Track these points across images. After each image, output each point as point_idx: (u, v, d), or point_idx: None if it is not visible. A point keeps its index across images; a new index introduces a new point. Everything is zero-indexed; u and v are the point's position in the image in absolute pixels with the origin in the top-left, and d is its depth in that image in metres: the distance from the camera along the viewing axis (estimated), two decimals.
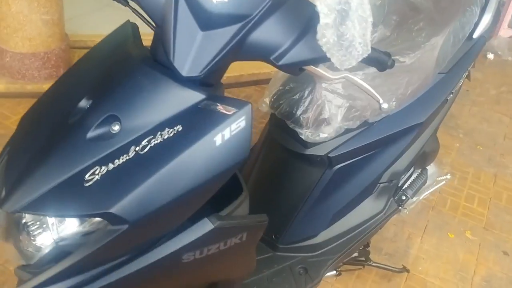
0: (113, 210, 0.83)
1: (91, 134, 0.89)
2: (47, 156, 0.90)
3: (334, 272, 1.75)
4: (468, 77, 2.09)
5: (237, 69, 3.45)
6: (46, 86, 3.02)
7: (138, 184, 0.85)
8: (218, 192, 1.03)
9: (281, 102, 1.42)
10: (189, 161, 0.88)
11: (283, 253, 1.62)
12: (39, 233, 0.93)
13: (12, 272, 1.89)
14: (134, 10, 1.01)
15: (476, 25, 1.72)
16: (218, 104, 0.92)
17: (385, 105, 1.06)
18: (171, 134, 0.88)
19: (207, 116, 0.90)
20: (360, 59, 0.94)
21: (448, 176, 2.01)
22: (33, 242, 0.94)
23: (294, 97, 1.40)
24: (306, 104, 1.38)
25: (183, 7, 0.89)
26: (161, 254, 0.95)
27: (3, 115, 2.68)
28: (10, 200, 0.87)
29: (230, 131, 0.89)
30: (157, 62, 0.94)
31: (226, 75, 3.49)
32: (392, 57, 1.47)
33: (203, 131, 0.88)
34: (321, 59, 0.94)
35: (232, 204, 1.04)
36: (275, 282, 1.55)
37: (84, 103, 0.95)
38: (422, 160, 1.82)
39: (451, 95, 1.72)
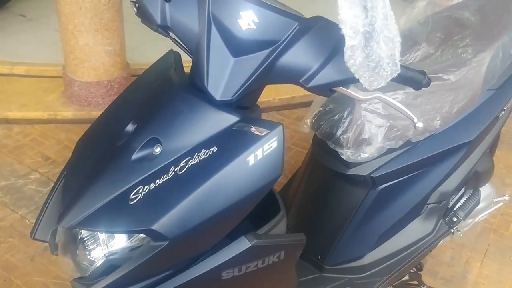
0: (154, 227, 0.90)
1: (135, 156, 0.97)
2: (97, 177, 0.98)
3: None
4: None
5: (288, 91, 3.51)
6: None
7: (177, 203, 0.91)
8: (257, 211, 1.07)
9: (321, 122, 1.44)
10: (224, 181, 0.92)
11: (329, 274, 1.61)
12: (94, 247, 1.01)
13: None
14: (174, 41, 1.09)
15: None
16: (251, 126, 0.96)
17: (419, 124, 1.06)
18: (207, 155, 0.94)
19: (241, 138, 0.95)
20: (389, 79, 0.95)
21: (507, 197, 1.92)
22: (88, 256, 1.02)
23: (334, 117, 1.42)
24: (346, 124, 1.39)
25: (215, 35, 0.95)
26: (201, 270, 0.99)
27: (71, 140, 2.88)
28: (65, 217, 0.96)
29: (262, 152, 0.93)
30: (195, 88, 1.01)
31: (278, 97, 3.57)
32: (436, 75, 1.47)
33: (236, 151, 0.93)
34: (350, 80, 0.96)
35: (269, 223, 1.07)
36: None
37: (129, 128, 1.03)
38: (475, 180, 1.76)
39: (503, 112, 1.66)
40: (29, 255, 2.13)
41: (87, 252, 1.01)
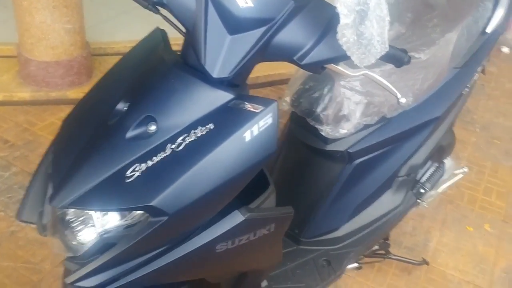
0: (153, 203, 0.90)
1: (130, 134, 0.96)
2: (90, 156, 0.97)
3: (356, 264, 1.80)
4: (482, 71, 2.13)
5: (253, 71, 3.53)
6: (69, 93, 3.12)
7: (176, 179, 0.92)
8: (245, 187, 1.10)
9: (301, 100, 1.48)
10: (222, 156, 0.94)
11: (306, 247, 1.67)
12: (81, 228, 1.00)
13: (48, 270, 1.98)
14: (164, 18, 1.08)
15: (489, 19, 1.76)
16: (246, 103, 0.98)
17: (403, 100, 1.12)
18: (204, 132, 0.95)
19: (237, 114, 0.96)
20: (378, 57, 0.99)
21: (465, 169, 2.04)
22: (77, 236, 1.01)
23: (314, 95, 1.46)
24: (325, 101, 1.44)
25: (212, 13, 0.95)
26: (196, 245, 1.01)
27: (30, 122, 2.78)
28: (58, 197, 0.94)
29: (258, 128, 0.96)
30: (188, 66, 1.01)
31: None
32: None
33: (233, 128, 0.95)
34: (342, 57, 0.99)
35: (260, 197, 1.10)
36: (299, 274, 1.61)
37: (121, 106, 1.02)
38: (439, 153, 1.86)
39: (467, 89, 1.76)
40: None
41: (75, 232, 1.00)
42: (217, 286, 1.27)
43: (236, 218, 1.03)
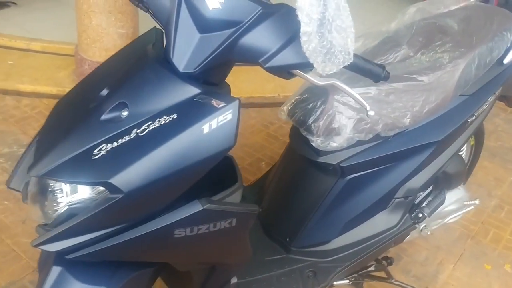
0: (111, 180, 0.99)
1: (104, 117, 1.06)
2: (68, 134, 1.08)
3: (347, 281, 1.79)
4: (509, 103, 2.07)
5: (293, 89, 3.59)
6: None
7: (134, 160, 1.00)
8: (220, 183, 1.17)
9: (296, 110, 1.53)
10: (179, 145, 1.01)
11: (295, 256, 1.70)
12: (62, 200, 1.11)
13: None
14: (153, 16, 1.18)
15: (508, 51, 1.73)
16: (212, 99, 1.05)
17: (371, 112, 1.14)
18: (167, 121, 1.03)
19: (199, 108, 1.04)
20: (341, 66, 1.03)
21: (477, 202, 1.98)
22: (55, 206, 1.11)
23: (308, 106, 1.50)
24: (318, 113, 1.47)
25: (184, 12, 1.04)
26: (155, 226, 1.09)
27: None
28: (34, 168, 1.06)
29: (217, 122, 1.02)
30: (166, 60, 1.10)
31: (283, 94, 3.61)
32: (410, 76, 1.55)
33: (193, 120, 1.02)
34: (305, 64, 1.04)
35: (224, 191, 1.16)
36: (284, 282, 1.63)
37: (103, 92, 1.12)
38: (445, 181, 1.82)
39: (473, 118, 1.72)
40: (21, 218, 2.25)
41: (55, 203, 1.10)
42: (187, 275, 1.33)
43: (195, 207, 1.09)
